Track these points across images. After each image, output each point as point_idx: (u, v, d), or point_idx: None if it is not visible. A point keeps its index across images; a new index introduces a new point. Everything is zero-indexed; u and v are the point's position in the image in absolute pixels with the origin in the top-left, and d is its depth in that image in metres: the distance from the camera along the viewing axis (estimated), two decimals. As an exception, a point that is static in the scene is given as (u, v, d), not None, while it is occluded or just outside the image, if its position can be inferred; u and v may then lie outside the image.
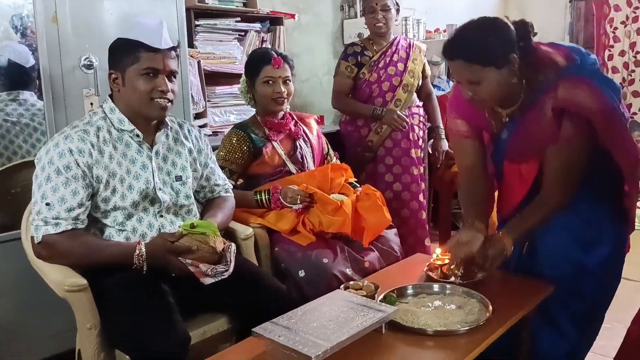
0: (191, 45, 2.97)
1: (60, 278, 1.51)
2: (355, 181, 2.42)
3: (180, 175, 1.79)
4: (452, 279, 1.80)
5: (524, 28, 1.61)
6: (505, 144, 1.77)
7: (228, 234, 1.94)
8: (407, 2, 3.97)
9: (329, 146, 2.52)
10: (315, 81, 4.03)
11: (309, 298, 1.78)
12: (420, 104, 2.97)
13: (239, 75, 2.43)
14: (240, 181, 2.28)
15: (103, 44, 1.73)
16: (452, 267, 1.77)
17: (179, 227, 1.64)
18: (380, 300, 1.62)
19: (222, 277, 1.57)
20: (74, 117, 1.86)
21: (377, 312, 1.46)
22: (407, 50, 2.88)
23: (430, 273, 1.85)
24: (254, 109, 2.35)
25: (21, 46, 2.38)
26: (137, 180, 1.68)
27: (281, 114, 2.30)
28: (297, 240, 2.04)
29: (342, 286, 1.71)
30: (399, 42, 2.89)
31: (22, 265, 1.71)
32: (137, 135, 1.70)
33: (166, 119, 1.77)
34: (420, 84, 2.93)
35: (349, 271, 2.01)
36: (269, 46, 3.35)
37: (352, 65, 2.84)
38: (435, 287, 1.73)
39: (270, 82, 2.20)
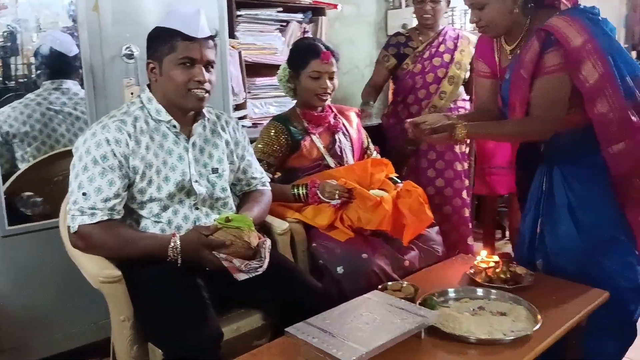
0: (232, 35, 2.94)
1: (95, 269, 1.50)
2: (396, 176, 2.34)
3: (217, 168, 1.75)
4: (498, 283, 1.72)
5: None
6: (508, 83, 1.81)
7: (264, 228, 1.89)
8: (454, -9, 3.85)
9: (369, 140, 2.45)
10: (356, 73, 3.95)
11: (348, 295, 1.73)
12: (468, 97, 2.85)
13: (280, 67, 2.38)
14: (278, 174, 2.24)
15: (144, 33, 1.70)
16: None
17: (214, 220, 1.61)
18: (419, 304, 1.55)
19: (256, 273, 1.53)
20: (115, 106, 1.84)
21: (417, 316, 1.39)
22: (455, 41, 2.77)
23: (474, 277, 1.76)
24: (294, 101, 2.30)
25: (64, 35, 2.40)
26: (173, 172, 1.66)
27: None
28: (335, 236, 1.98)
29: (380, 287, 1.65)
30: (446, 32, 2.78)
31: (62, 253, 1.70)
32: (174, 126, 1.67)
33: (203, 110, 1.74)
34: (467, 76, 2.81)
35: (388, 269, 1.94)
36: (311, 36, 3.29)
37: (391, 56, 2.77)
38: (479, 291, 1.64)
39: (317, 77, 2.14)
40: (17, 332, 1.98)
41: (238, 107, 2.94)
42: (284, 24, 3.20)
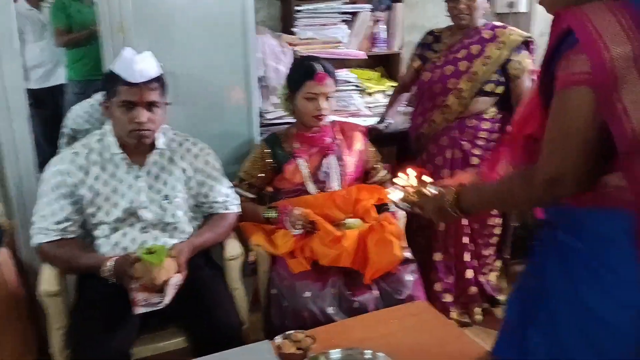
0: (289, 31, 2.96)
1: (40, 283, 1.76)
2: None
3: (168, 195, 1.89)
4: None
5: None
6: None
7: (219, 250, 1.99)
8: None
9: (378, 158, 2.31)
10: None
11: (291, 328, 1.76)
12: (497, 116, 2.38)
13: (344, 61, 2.36)
14: (270, 189, 2.27)
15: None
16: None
17: (139, 249, 1.76)
18: (307, 362, 1.53)
19: (155, 308, 1.65)
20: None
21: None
22: (485, 43, 2.31)
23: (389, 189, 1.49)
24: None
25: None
26: (122, 199, 1.84)
27: (317, 126, 2.18)
28: (291, 265, 1.99)
29: (279, 336, 1.65)
30: (478, 34, 2.34)
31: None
32: (123, 159, 1.84)
33: (160, 140, 1.87)
34: (497, 89, 2.33)
35: (331, 310, 1.90)
36: (381, 28, 3.12)
37: (417, 56, 2.51)
38: (368, 354, 1.54)
39: (312, 97, 2.09)
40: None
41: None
42: (350, 16, 3.08)
